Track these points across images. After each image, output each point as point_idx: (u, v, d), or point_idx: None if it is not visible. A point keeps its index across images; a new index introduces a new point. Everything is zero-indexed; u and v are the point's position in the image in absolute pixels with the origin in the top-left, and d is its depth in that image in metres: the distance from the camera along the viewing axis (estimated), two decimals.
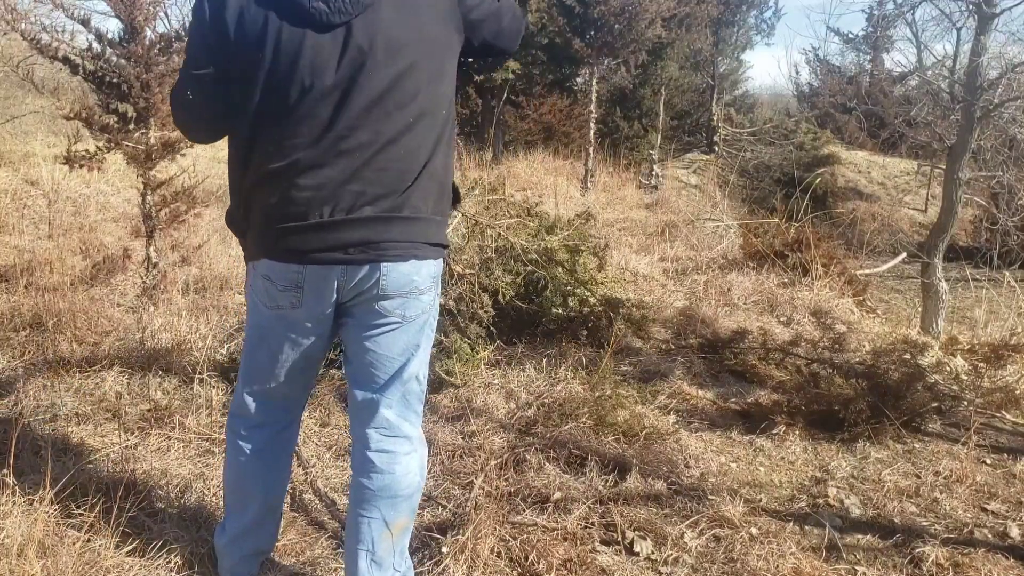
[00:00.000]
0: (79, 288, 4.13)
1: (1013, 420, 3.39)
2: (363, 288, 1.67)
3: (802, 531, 2.47)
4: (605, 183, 10.90)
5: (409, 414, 1.81)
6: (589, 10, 10.36)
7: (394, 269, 1.66)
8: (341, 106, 1.60)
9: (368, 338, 1.74)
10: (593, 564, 2.18)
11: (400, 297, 1.70)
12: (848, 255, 8.81)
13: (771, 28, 17.12)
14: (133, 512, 2.19)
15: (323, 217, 1.62)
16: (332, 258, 1.64)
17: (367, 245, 1.64)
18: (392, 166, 1.63)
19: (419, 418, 1.85)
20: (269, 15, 1.57)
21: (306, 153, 1.61)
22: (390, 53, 1.60)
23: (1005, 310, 5.86)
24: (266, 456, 1.89)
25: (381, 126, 1.61)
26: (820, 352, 3.71)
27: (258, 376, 1.85)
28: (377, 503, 1.78)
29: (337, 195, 1.61)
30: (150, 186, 3.96)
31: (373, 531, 1.78)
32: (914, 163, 14.98)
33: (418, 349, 1.78)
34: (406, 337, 1.75)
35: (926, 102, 8.68)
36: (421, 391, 1.83)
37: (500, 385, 3.36)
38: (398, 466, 1.78)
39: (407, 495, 1.80)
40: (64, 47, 3.67)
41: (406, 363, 1.76)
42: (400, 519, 1.81)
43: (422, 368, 1.81)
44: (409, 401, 1.80)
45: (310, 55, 1.57)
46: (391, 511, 1.78)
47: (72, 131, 3.89)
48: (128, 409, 2.89)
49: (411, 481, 1.81)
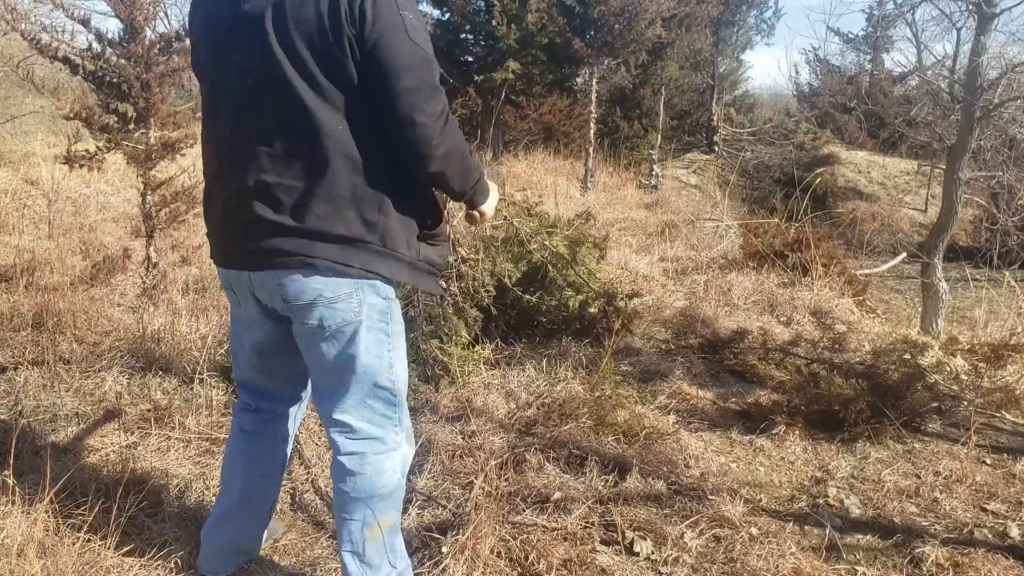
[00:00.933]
0: (79, 288, 4.13)
1: (1013, 420, 3.39)
2: (274, 296, 1.67)
3: (802, 531, 2.47)
4: (605, 183, 10.90)
5: (375, 417, 1.78)
6: (589, 10, 10.36)
7: (290, 280, 1.62)
8: (243, 113, 1.61)
9: (305, 348, 1.75)
10: (593, 564, 2.18)
11: (308, 306, 1.64)
12: (848, 255, 8.82)
13: (771, 28, 17.11)
14: (133, 512, 2.19)
15: (233, 223, 1.67)
16: (241, 263, 1.69)
17: (266, 253, 1.62)
18: (287, 180, 1.58)
19: (390, 420, 1.80)
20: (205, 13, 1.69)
21: (219, 161, 1.69)
22: (278, 62, 1.53)
23: (1005, 310, 5.86)
24: (252, 440, 1.95)
25: (274, 137, 1.57)
26: (820, 352, 3.71)
27: (237, 363, 1.96)
28: (355, 505, 1.78)
29: (241, 202, 1.62)
30: (150, 186, 3.96)
31: (355, 533, 1.79)
32: (914, 163, 14.99)
33: (357, 358, 1.70)
34: (337, 346, 1.69)
35: (926, 102, 8.68)
36: (390, 394, 1.78)
37: (500, 385, 3.36)
38: (368, 466, 1.77)
39: (383, 494, 1.79)
40: (64, 47, 3.67)
41: (350, 370, 1.71)
42: (382, 518, 1.80)
43: (376, 372, 1.73)
44: (372, 405, 1.76)
45: (224, 59, 1.63)
46: (369, 512, 1.78)
47: (72, 131, 3.89)
48: (128, 409, 2.89)
49: (386, 480, 1.79)
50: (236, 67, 1.59)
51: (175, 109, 4.01)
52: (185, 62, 3.87)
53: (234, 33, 1.58)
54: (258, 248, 1.63)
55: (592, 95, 10.71)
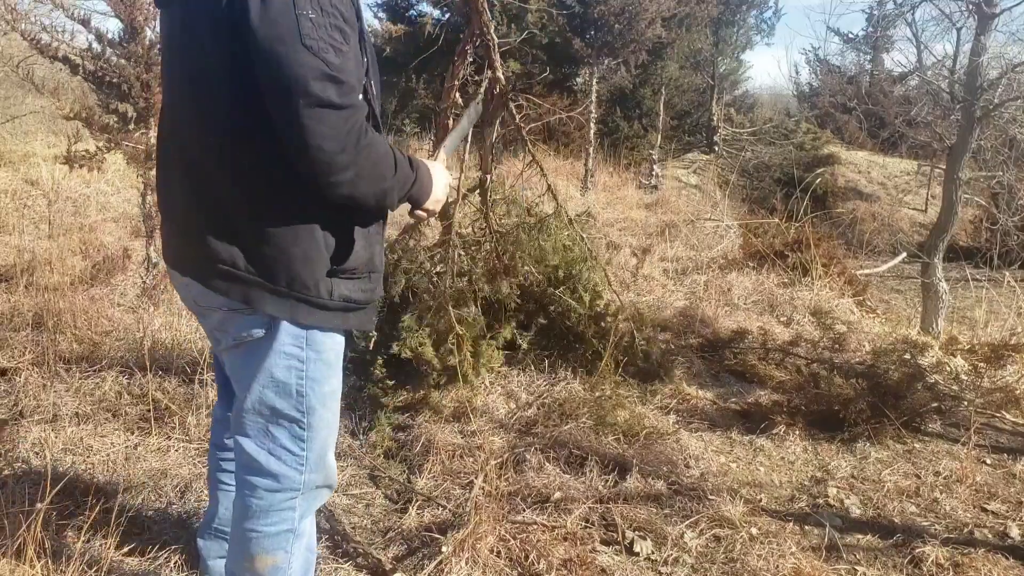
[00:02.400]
0: (79, 288, 4.13)
1: (1013, 420, 3.39)
2: (197, 300, 1.55)
3: (802, 531, 2.47)
4: (605, 183, 10.91)
5: (275, 448, 1.54)
6: (589, 10, 10.38)
7: (195, 285, 1.49)
8: (170, 110, 1.56)
9: (219, 353, 1.66)
10: (593, 564, 2.18)
11: (213, 312, 1.50)
12: (848, 255, 8.83)
13: (771, 28, 17.18)
14: (133, 512, 2.19)
15: (164, 221, 1.60)
16: (170, 262, 1.60)
17: (180, 256, 1.54)
18: (187, 183, 1.47)
19: (295, 457, 1.55)
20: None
21: (161, 158, 1.61)
22: (182, 57, 1.42)
23: (1005, 310, 5.87)
24: (223, 457, 1.84)
25: (182, 139, 1.48)
26: (820, 352, 3.72)
27: (216, 372, 1.84)
28: (239, 533, 1.60)
29: (166, 201, 1.57)
30: (150, 186, 3.96)
31: (238, 557, 1.62)
32: (914, 163, 15.00)
33: (259, 381, 1.49)
34: (249, 360, 1.50)
35: (926, 102, 8.69)
36: (297, 428, 1.54)
37: (500, 385, 3.36)
38: (256, 500, 1.55)
39: (273, 532, 1.57)
40: (64, 47, 3.67)
41: (255, 391, 1.50)
42: (267, 554, 1.57)
43: (283, 403, 1.51)
44: (274, 435, 1.53)
45: (166, 52, 1.55)
46: (254, 545, 1.57)
47: (72, 131, 3.89)
48: (128, 409, 2.89)
49: (278, 519, 1.56)
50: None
51: None
52: None
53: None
54: (176, 249, 1.57)
55: (592, 95, 10.71)
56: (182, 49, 1.43)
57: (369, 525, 2.37)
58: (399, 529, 2.33)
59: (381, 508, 2.47)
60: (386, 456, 2.76)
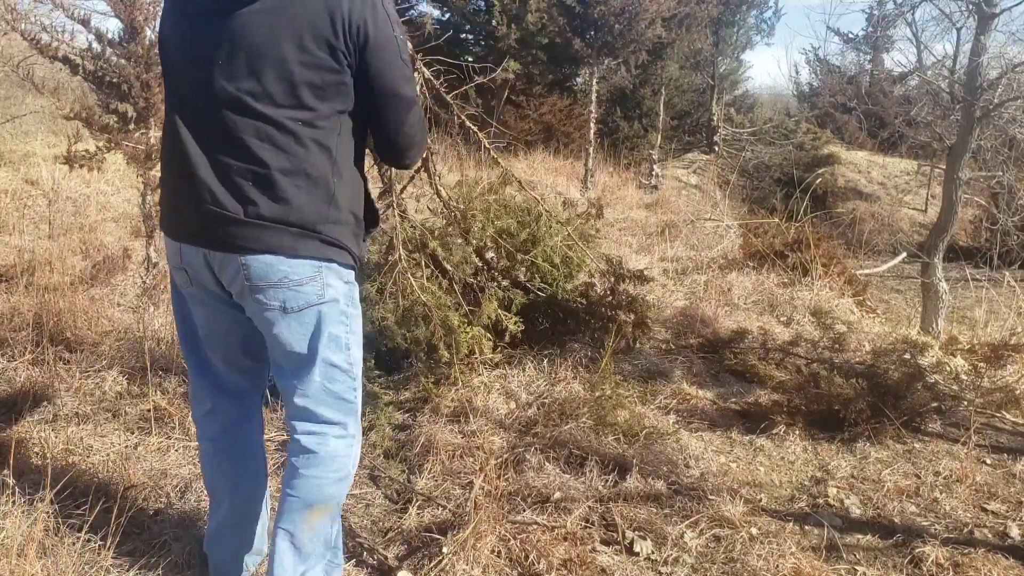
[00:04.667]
0: (79, 288, 4.13)
1: (1013, 420, 3.39)
2: (235, 277, 1.66)
3: (802, 531, 2.47)
4: (605, 183, 10.90)
5: (333, 400, 1.76)
6: (589, 10, 10.36)
7: (254, 260, 1.63)
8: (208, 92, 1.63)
9: (265, 329, 1.73)
10: (593, 564, 2.18)
11: (272, 288, 1.66)
12: (848, 255, 8.82)
13: (771, 28, 17.17)
14: (133, 512, 2.19)
15: (195, 200, 1.64)
16: (199, 241, 1.67)
17: (227, 235, 1.63)
18: (251, 165, 1.62)
19: (351, 405, 1.79)
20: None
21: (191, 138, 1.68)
22: (253, 55, 1.58)
23: (1005, 310, 5.87)
24: (225, 447, 1.89)
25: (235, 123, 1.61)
26: (820, 352, 3.72)
27: (191, 359, 1.90)
28: (302, 483, 1.74)
29: (205, 182, 1.62)
30: (150, 186, 3.96)
31: (295, 513, 1.75)
32: (914, 163, 14.99)
33: (319, 339, 1.71)
34: (299, 328, 1.70)
35: (926, 102, 8.69)
36: (348, 379, 1.78)
37: (500, 385, 3.35)
38: (325, 447, 1.75)
39: (334, 479, 1.76)
40: (64, 47, 3.66)
41: (310, 353, 1.72)
42: (325, 504, 1.77)
43: (341, 355, 1.75)
44: (332, 389, 1.75)
45: (194, 37, 1.63)
46: (314, 491, 1.74)
47: (72, 131, 3.88)
48: (128, 409, 2.89)
49: (339, 465, 1.77)
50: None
51: None
52: None
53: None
54: (221, 227, 1.62)
55: (592, 95, 10.71)
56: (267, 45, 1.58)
57: (369, 525, 2.37)
58: (399, 529, 2.33)
59: (381, 508, 2.47)
60: (386, 456, 2.76)
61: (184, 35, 1.66)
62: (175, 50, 1.70)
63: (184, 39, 1.66)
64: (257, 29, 1.57)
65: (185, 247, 1.71)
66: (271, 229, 1.62)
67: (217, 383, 1.89)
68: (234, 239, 1.63)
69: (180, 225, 1.71)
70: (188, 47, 1.65)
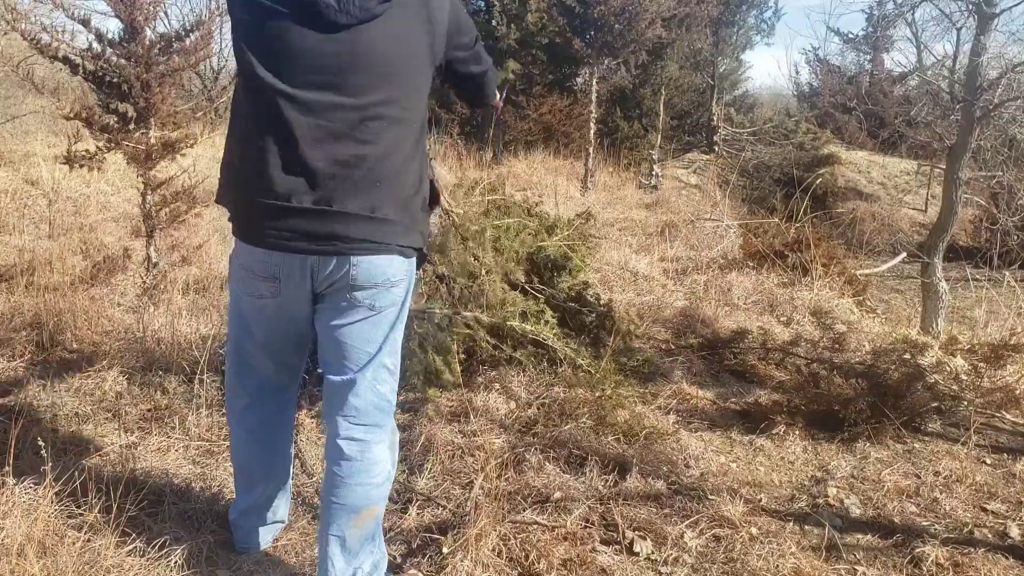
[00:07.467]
0: (79, 288, 4.12)
1: (1013, 420, 3.39)
2: (335, 279, 1.71)
3: (802, 531, 2.47)
4: (605, 183, 10.90)
5: (381, 403, 1.82)
6: (589, 10, 10.35)
7: (365, 261, 1.69)
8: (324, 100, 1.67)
9: (340, 326, 1.76)
10: (593, 564, 2.18)
11: (371, 288, 1.72)
12: (848, 255, 8.81)
13: (771, 28, 17.07)
14: (133, 512, 2.19)
15: (301, 204, 1.65)
16: (304, 248, 1.68)
17: (336, 239, 1.67)
18: (365, 171, 1.67)
19: (391, 407, 1.86)
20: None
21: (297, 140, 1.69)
22: (376, 64, 1.65)
23: (1005, 310, 5.86)
24: (262, 438, 1.98)
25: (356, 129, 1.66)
26: (820, 352, 3.71)
27: (236, 357, 1.94)
28: (346, 490, 1.79)
29: (313, 185, 1.65)
30: (150, 186, 3.96)
31: (342, 518, 1.80)
32: (914, 163, 14.97)
33: (387, 340, 1.79)
34: (376, 328, 1.77)
35: (926, 102, 8.68)
36: (393, 381, 1.85)
37: (500, 385, 3.35)
38: (368, 453, 1.80)
39: (377, 483, 1.82)
40: (64, 47, 3.66)
41: (376, 353, 1.78)
42: (371, 507, 1.83)
43: (393, 359, 1.83)
44: (380, 390, 1.81)
45: (303, 45, 1.63)
46: (361, 498, 1.80)
47: (72, 131, 3.88)
48: (128, 409, 2.89)
49: (379, 471, 1.83)
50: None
51: (175, 109, 4.01)
52: (185, 62, 3.87)
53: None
54: (330, 232, 1.66)
55: (592, 95, 10.70)
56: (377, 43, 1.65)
57: None
58: (399, 529, 2.33)
59: None
60: None
61: (300, 43, 1.66)
62: (284, 58, 1.67)
63: (302, 48, 1.66)
64: (380, 39, 1.65)
65: (286, 256, 1.69)
66: (388, 228, 1.69)
67: (260, 382, 1.95)
68: (352, 241, 1.67)
69: (283, 233, 1.67)
70: (304, 55, 1.65)
